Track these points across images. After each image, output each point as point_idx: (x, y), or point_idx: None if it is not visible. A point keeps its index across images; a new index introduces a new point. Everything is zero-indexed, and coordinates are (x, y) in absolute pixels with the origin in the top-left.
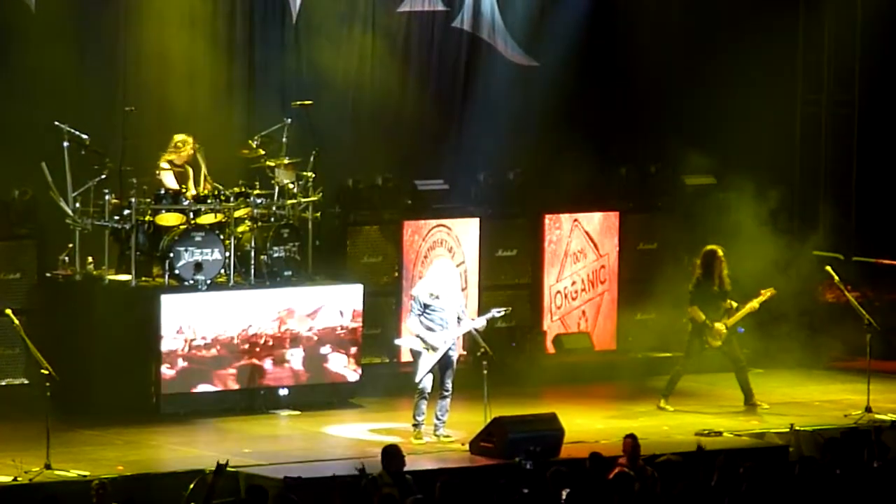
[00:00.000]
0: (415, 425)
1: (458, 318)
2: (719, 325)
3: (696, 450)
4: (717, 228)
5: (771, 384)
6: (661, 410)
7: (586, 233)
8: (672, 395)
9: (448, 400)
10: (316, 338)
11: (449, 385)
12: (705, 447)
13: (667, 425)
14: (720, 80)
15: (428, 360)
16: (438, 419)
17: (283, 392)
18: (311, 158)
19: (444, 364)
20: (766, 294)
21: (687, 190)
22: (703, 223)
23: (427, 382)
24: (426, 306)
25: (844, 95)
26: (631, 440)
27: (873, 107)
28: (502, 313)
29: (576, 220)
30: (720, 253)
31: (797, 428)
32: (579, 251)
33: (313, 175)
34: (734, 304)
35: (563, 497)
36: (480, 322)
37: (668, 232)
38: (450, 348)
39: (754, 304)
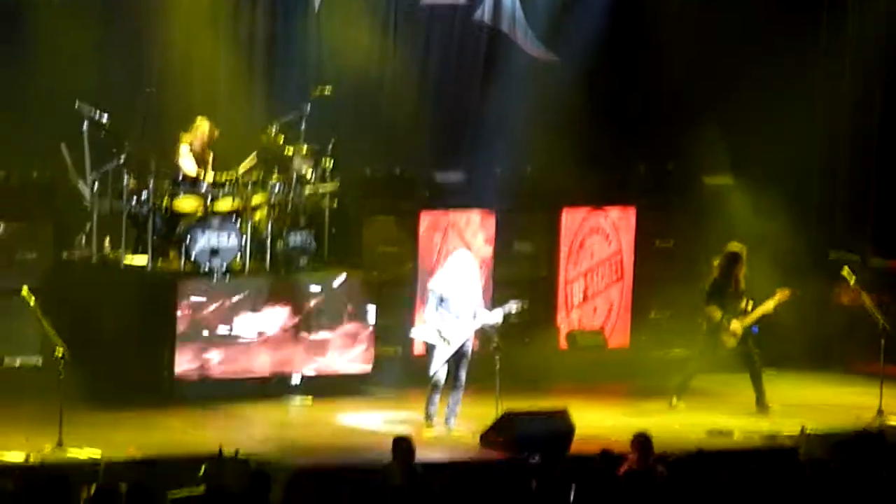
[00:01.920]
0: (426, 417)
1: (475, 311)
2: (735, 325)
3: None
4: (733, 228)
5: (783, 385)
6: (672, 409)
7: (602, 229)
8: (684, 394)
9: (461, 392)
10: (330, 326)
11: (462, 378)
12: (705, 451)
13: (678, 424)
14: (741, 78)
15: (443, 353)
16: (450, 412)
17: (296, 380)
18: (329, 147)
19: (458, 357)
20: (782, 295)
21: (705, 189)
22: (720, 223)
23: (440, 375)
24: (443, 299)
25: (865, 96)
26: (642, 438)
27: (895, 108)
28: (518, 307)
29: (591, 215)
30: (742, 254)
31: (808, 430)
32: (595, 248)
33: (331, 163)
34: (749, 305)
35: (572, 493)
36: (497, 316)
37: (685, 230)
38: (465, 341)
39: (769, 304)
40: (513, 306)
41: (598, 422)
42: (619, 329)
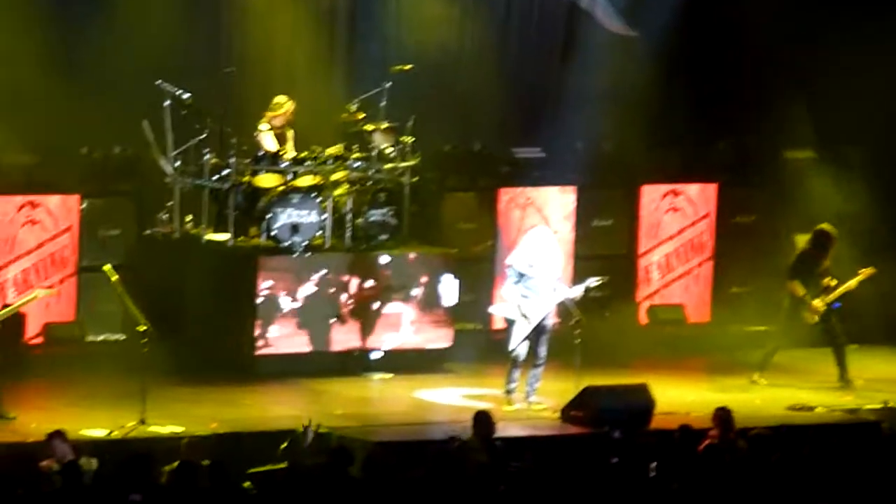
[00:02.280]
0: (507, 392)
1: (554, 287)
2: (817, 302)
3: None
4: (816, 203)
5: (866, 361)
6: (754, 384)
7: (682, 205)
8: (766, 370)
9: (541, 368)
10: (410, 302)
11: (543, 354)
12: (786, 426)
13: (759, 399)
14: (826, 52)
15: (523, 329)
16: (530, 387)
17: (377, 355)
18: (410, 123)
19: (538, 333)
20: (866, 273)
21: (787, 164)
22: (802, 198)
23: (521, 351)
24: (522, 275)
25: None
26: (723, 413)
27: None
28: (598, 283)
29: (672, 191)
30: (834, 233)
31: (891, 405)
32: (675, 223)
33: (411, 140)
34: (833, 282)
35: (652, 469)
36: (576, 291)
37: (767, 205)
38: (544, 317)
39: (852, 283)
40: (591, 282)
41: (679, 397)
42: (699, 304)
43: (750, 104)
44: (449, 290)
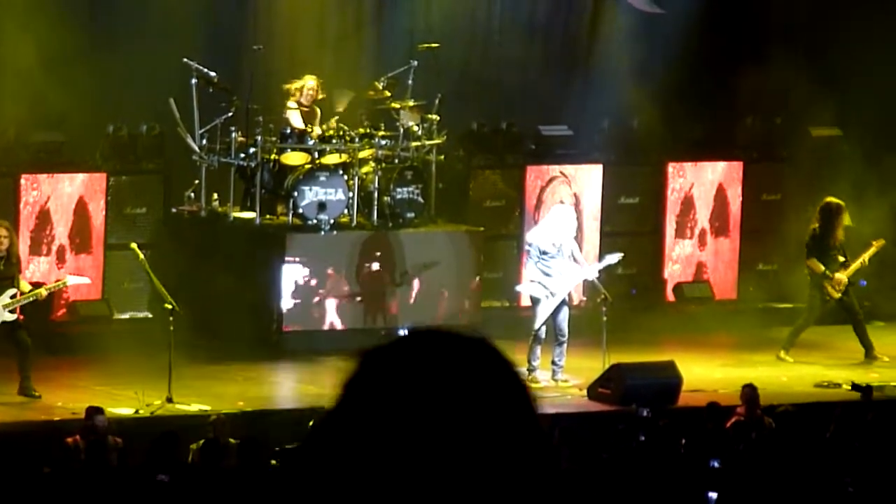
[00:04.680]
0: (529, 370)
1: (577, 264)
2: (840, 275)
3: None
4: (841, 180)
5: (892, 337)
6: (780, 361)
7: (708, 182)
8: (793, 347)
9: (564, 345)
10: (437, 280)
11: (565, 329)
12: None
13: (786, 376)
14: (851, 30)
15: (547, 307)
16: (556, 364)
17: (403, 332)
18: (437, 101)
19: (557, 309)
20: (877, 245)
21: (813, 141)
22: (828, 175)
23: (542, 328)
24: (544, 252)
25: None
26: (749, 390)
27: None
28: (616, 259)
29: (697, 168)
30: (840, 206)
31: None
32: (701, 200)
33: (438, 118)
34: (847, 257)
35: (681, 446)
36: (594, 270)
37: (793, 183)
38: (565, 294)
39: (865, 256)
40: (611, 259)
41: (706, 374)
42: (726, 281)
43: (776, 81)
44: (475, 266)
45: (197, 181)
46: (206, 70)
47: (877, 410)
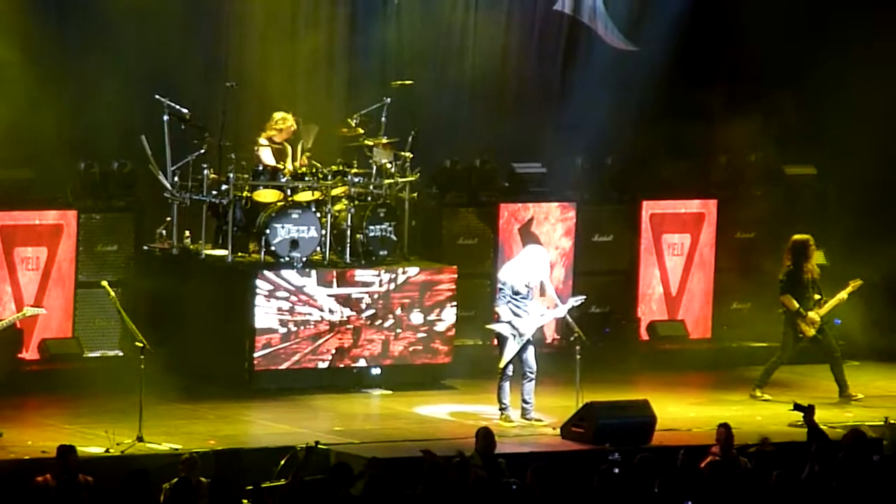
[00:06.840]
0: (501, 409)
1: (547, 305)
2: (813, 314)
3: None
4: (816, 219)
5: (866, 377)
6: (754, 399)
7: (683, 220)
8: (767, 385)
9: (534, 382)
10: (409, 318)
11: (533, 364)
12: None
13: (760, 415)
14: (826, 68)
15: (514, 346)
16: (526, 402)
17: (375, 371)
18: (410, 139)
19: (523, 347)
20: (854, 285)
21: (787, 179)
22: (802, 213)
23: (510, 366)
24: (516, 293)
25: None
26: (724, 429)
27: None
28: (579, 302)
29: (671, 206)
30: (810, 242)
31: (892, 421)
32: (675, 239)
33: (411, 155)
34: (818, 297)
35: (656, 486)
36: (563, 310)
37: (767, 221)
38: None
39: (843, 294)
40: (574, 302)
41: (680, 413)
42: (700, 320)
43: (751, 119)
44: (447, 305)
45: (169, 218)
46: (178, 107)
47: (819, 438)
